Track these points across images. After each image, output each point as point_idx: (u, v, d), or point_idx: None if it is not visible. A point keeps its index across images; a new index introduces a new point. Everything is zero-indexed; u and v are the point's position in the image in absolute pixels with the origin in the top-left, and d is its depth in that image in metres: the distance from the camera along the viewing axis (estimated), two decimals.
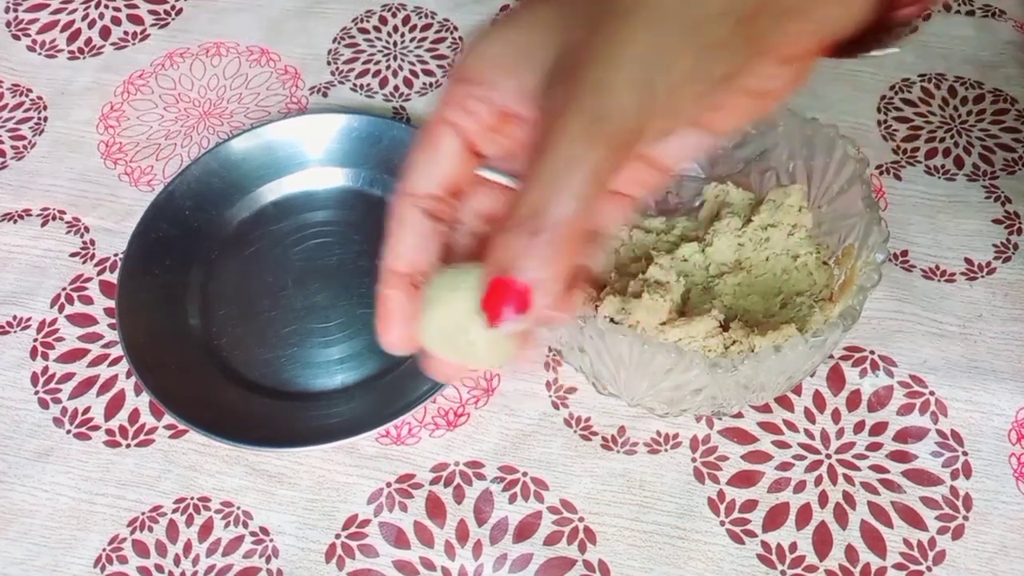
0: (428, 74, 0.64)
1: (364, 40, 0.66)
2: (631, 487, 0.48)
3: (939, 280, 0.54)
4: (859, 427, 0.49)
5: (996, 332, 0.52)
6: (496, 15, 0.67)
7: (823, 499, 0.47)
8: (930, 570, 0.45)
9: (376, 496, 0.48)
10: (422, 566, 0.46)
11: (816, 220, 0.50)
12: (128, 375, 0.52)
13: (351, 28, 0.67)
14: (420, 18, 0.67)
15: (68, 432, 0.50)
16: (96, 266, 0.56)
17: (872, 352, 0.52)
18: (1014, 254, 0.55)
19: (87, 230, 0.58)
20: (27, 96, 0.64)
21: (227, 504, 0.48)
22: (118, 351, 0.53)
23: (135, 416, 0.51)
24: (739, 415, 0.50)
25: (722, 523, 0.47)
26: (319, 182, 0.59)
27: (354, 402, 0.50)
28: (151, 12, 0.68)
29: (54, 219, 0.58)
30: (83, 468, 0.49)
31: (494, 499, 0.48)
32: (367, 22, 0.67)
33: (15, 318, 0.54)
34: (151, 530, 0.47)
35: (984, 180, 0.58)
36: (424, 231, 0.32)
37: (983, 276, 0.54)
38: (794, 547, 0.46)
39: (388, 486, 0.48)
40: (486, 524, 0.47)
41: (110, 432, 0.50)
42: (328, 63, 0.65)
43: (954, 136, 0.60)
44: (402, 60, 0.65)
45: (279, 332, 0.53)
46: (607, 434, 0.50)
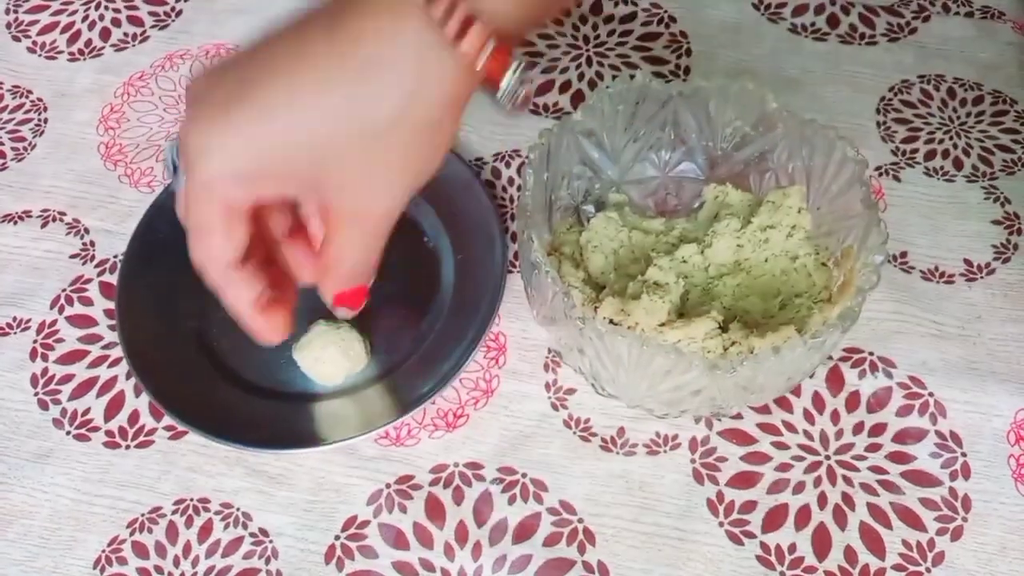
0: None
1: None
2: (630, 488, 0.48)
3: (938, 281, 0.54)
4: (858, 428, 0.49)
5: (995, 333, 0.52)
6: None
7: (822, 500, 0.47)
8: (929, 571, 0.45)
9: (375, 497, 0.48)
10: (421, 567, 0.46)
11: (815, 221, 0.50)
12: (128, 376, 0.52)
13: None
14: None
15: (68, 433, 0.51)
16: (96, 267, 0.56)
17: (871, 353, 0.52)
18: (1013, 255, 0.55)
19: (87, 231, 0.58)
20: (27, 97, 0.65)
21: (226, 505, 0.48)
22: (118, 352, 0.53)
23: (135, 417, 0.51)
24: (738, 416, 0.50)
25: (721, 524, 0.47)
26: None
27: (353, 403, 0.50)
28: (151, 14, 0.68)
29: (54, 220, 0.58)
30: (83, 469, 0.49)
31: (493, 500, 0.48)
32: None
33: (15, 319, 0.54)
34: (150, 531, 0.47)
35: (983, 181, 0.58)
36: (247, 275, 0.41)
37: (982, 277, 0.54)
38: (793, 548, 0.46)
39: (387, 487, 0.48)
40: (485, 525, 0.47)
41: (110, 433, 0.50)
42: None
43: (953, 137, 0.60)
44: None
45: None
46: (606, 435, 0.50)
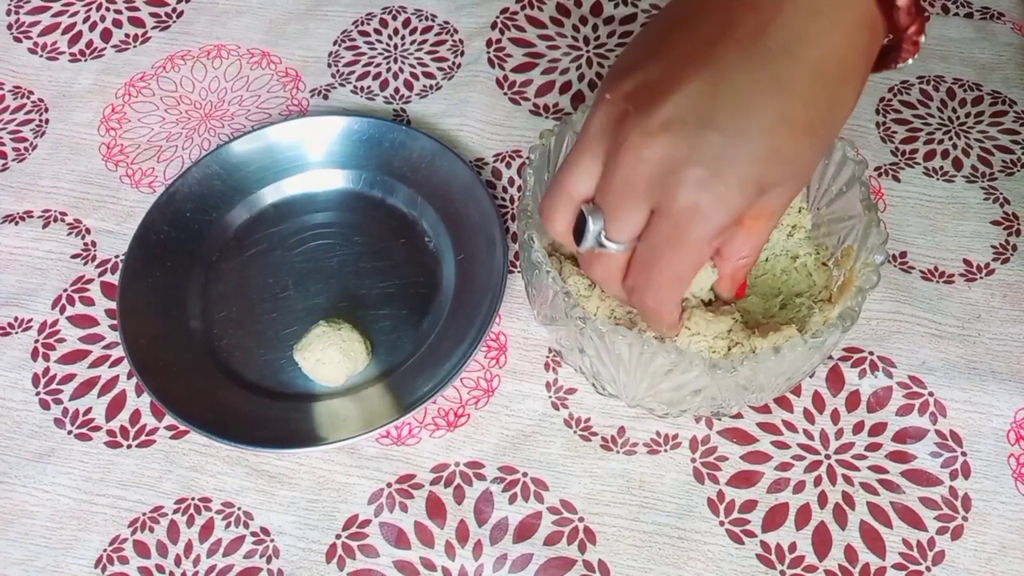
0: (428, 76, 0.64)
1: (365, 43, 0.67)
2: (631, 487, 0.48)
3: (938, 281, 0.54)
4: (858, 428, 0.50)
5: (995, 333, 0.52)
6: (496, 17, 0.67)
7: (822, 499, 0.47)
8: (929, 570, 0.45)
9: (376, 496, 0.48)
10: (422, 566, 0.46)
11: (815, 221, 0.50)
12: (129, 376, 0.52)
13: (352, 31, 0.67)
14: (420, 20, 0.67)
15: (69, 433, 0.51)
16: (97, 268, 0.56)
17: (871, 353, 0.52)
18: (1013, 255, 0.55)
19: (88, 232, 0.58)
20: (28, 98, 0.65)
21: (228, 504, 0.48)
22: (119, 352, 0.53)
23: (136, 417, 0.51)
24: (738, 416, 0.50)
25: (721, 523, 0.47)
26: (320, 184, 0.59)
27: (354, 403, 0.51)
28: (152, 15, 0.69)
29: (55, 221, 0.58)
30: (84, 469, 0.49)
31: (494, 499, 0.48)
32: (368, 24, 0.67)
33: (16, 319, 0.54)
34: (152, 531, 0.48)
35: (983, 182, 0.58)
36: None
37: (982, 277, 0.54)
38: (793, 547, 0.46)
39: (388, 486, 0.49)
40: (486, 524, 0.47)
41: (111, 433, 0.51)
42: (329, 65, 0.65)
43: (953, 138, 0.60)
44: (402, 62, 0.65)
45: (279, 333, 0.53)
46: (607, 434, 0.50)
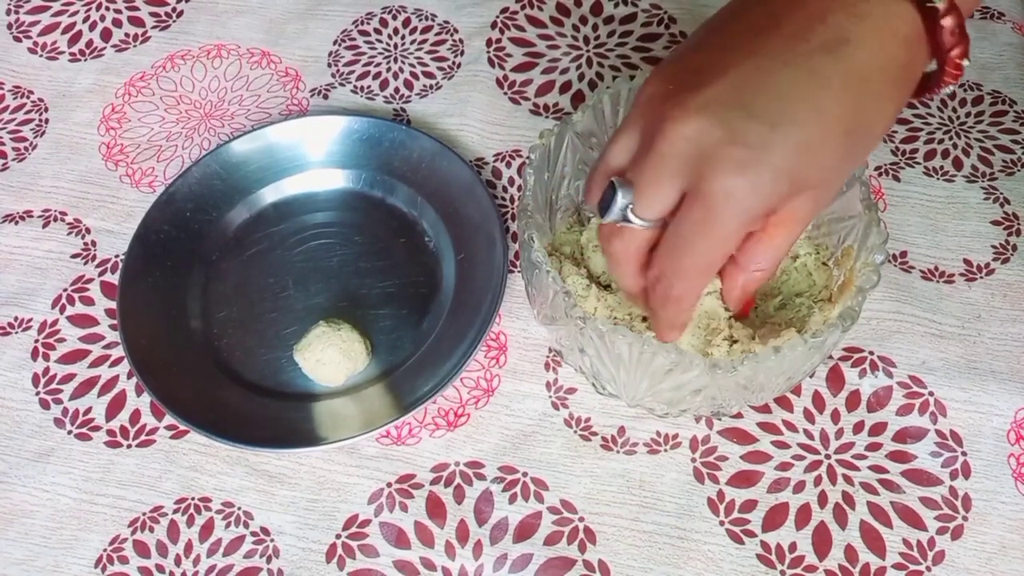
0: (429, 76, 0.64)
1: (365, 42, 0.67)
2: (631, 487, 0.48)
3: (938, 281, 0.54)
4: (858, 427, 0.50)
5: (995, 333, 0.52)
6: (496, 17, 0.67)
7: (822, 499, 0.47)
8: (929, 570, 0.45)
9: (376, 496, 0.48)
10: (422, 566, 0.46)
11: (815, 221, 0.50)
12: (129, 376, 0.52)
13: (352, 30, 0.67)
14: (420, 20, 0.67)
15: (69, 433, 0.51)
16: (97, 267, 0.56)
17: (871, 353, 0.52)
18: (1013, 255, 0.55)
19: (88, 231, 0.58)
20: (28, 98, 0.65)
21: (228, 504, 0.48)
22: (119, 352, 0.53)
23: (136, 417, 0.51)
24: (739, 415, 0.50)
25: (722, 523, 0.47)
26: (320, 184, 0.59)
27: (355, 403, 0.51)
28: (152, 14, 0.69)
29: (55, 220, 0.58)
30: (84, 468, 0.49)
31: (494, 499, 0.48)
32: (368, 24, 0.67)
33: (16, 319, 0.54)
34: (152, 530, 0.48)
35: (983, 181, 0.58)
36: None
37: (982, 277, 0.54)
38: (793, 547, 0.46)
39: (388, 486, 0.49)
40: (486, 524, 0.47)
41: (111, 433, 0.51)
42: (329, 65, 0.65)
43: (953, 138, 0.60)
44: (402, 62, 0.65)
45: (280, 333, 0.53)
46: (607, 434, 0.50)
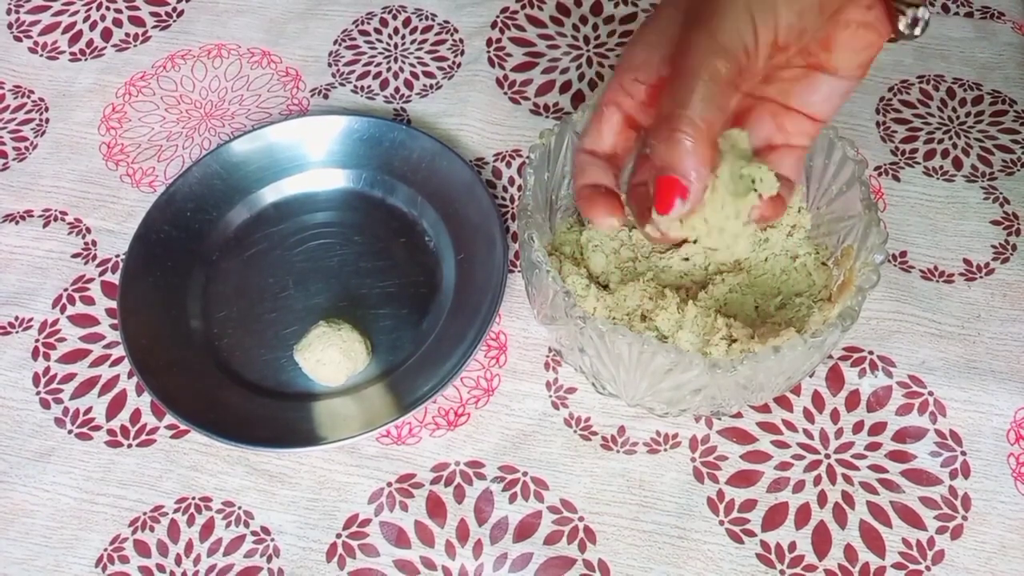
0: (429, 76, 0.64)
1: (365, 42, 0.67)
2: (631, 487, 0.48)
3: (938, 281, 0.54)
4: (858, 427, 0.50)
5: (994, 333, 0.52)
6: (496, 17, 0.67)
7: (822, 499, 0.48)
8: (929, 570, 0.46)
9: (377, 496, 0.48)
10: (423, 565, 0.46)
11: (815, 221, 0.50)
12: (129, 375, 0.52)
13: (352, 30, 0.67)
14: (421, 20, 0.67)
15: (69, 432, 0.51)
16: (98, 267, 0.57)
17: (871, 352, 0.52)
18: (1012, 255, 0.55)
19: (88, 231, 0.58)
20: (29, 97, 0.65)
21: (228, 504, 0.48)
22: (119, 352, 0.53)
23: (136, 416, 0.51)
24: (738, 415, 0.50)
25: (721, 523, 0.47)
26: (320, 184, 0.59)
27: (355, 403, 0.51)
28: (152, 14, 0.69)
29: (56, 220, 0.58)
30: (84, 468, 0.50)
31: (494, 499, 0.48)
32: (368, 24, 0.67)
33: (17, 319, 0.55)
34: (152, 530, 0.48)
35: (983, 181, 0.58)
36: (602, 167, 0.41)
37: (981, 277, 0.54)
38: (793, 547, 0.46)
39: (389, 486, 0.49)
40: (486, 524, 0.47)
41: (111, 432, 0.51)
42: (329, 65, 0.65)
43: (953, 137, 0.60)
44: (403, 62, 0.65)
45: (280, 333, 0.53)
46: (607, 434, 0.50)
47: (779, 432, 0.50)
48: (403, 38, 0.67)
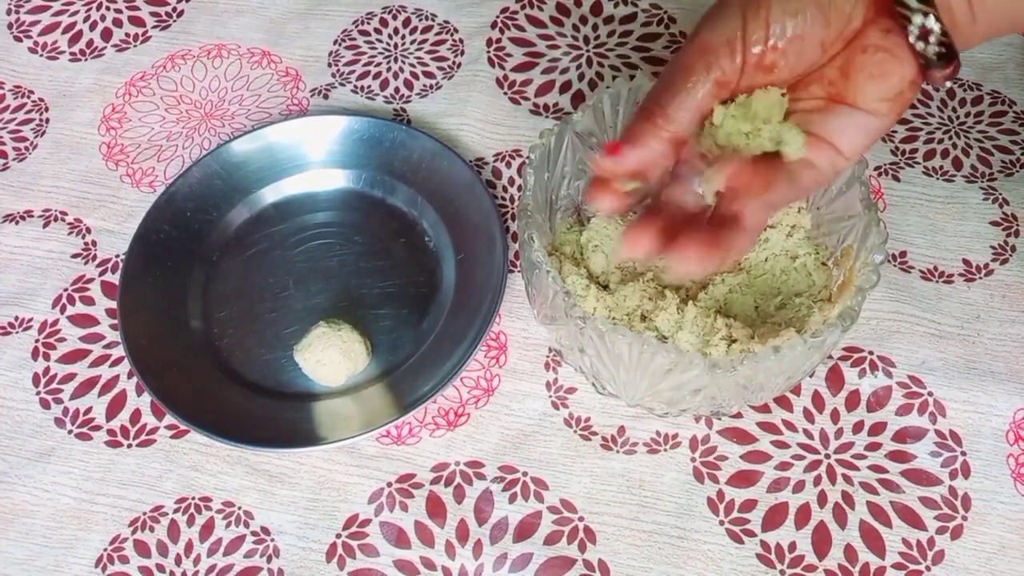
0: (429, 76, 0.64)
1: (365, 42, 0.67)
2: (631, 487, 0.48)
3: (937, 281, 0.54)
4: (858, 427, 0.50)
5: (994, 333, 0.52)
6: (496, 17, 0.67)
7: (822, 499, 0.48)
8: (929, 570, 0.46)
9: (377, 496, 0.48)
10: (423, 565, 0.46)
11: (815, 221, 0.50)
12: (129, 376, 0.52)
13: (352, 30, 0.67)
14: (421, 20, 0.67)
15: (69, 432, 0.51)
16: (98, 267, 0.56)
17: (871, 353, 0.52)
18: (1012, 256, 0.55)
19: (88, 231, 0.58)
20: (29, 98, 0.65)
21: (228, 504, 0.48)
22: (119, 352, 0.53)
23: (136, 416, 0.51)
24: (738, 415, 0.50)
25: (721, 523, 0.47)
26: (320, 184, 0.59)
27: (355, 403, 0.51)
28: (152, 14, 0.69)
29: (56, 220, 0.58)
30: (84, 468, 0.50)
31: (494, 499, 0.48)
32: (368, 24, 0.67)
33: (17, 319, 0.55)
34: (152, 530, 0.48)
35: (982, 182, 0.58)
36: (659, 150, 0.38)
37: (981, 278, 0.54)
38: (793, 547, 0.46)
39: (389, 486, 0.49)
40: (486, 524, 0.47)
41: (111, 432, 0.51)
42: (329, 65, 0.65)
43: (952, 138, 0.60)
44: (403, 62, 0.65)
45: (280, 333, 0.53)
46: (607, 434, 0.50)
47: (779, 432, 0.50)
48: (403, 38, 0.67)
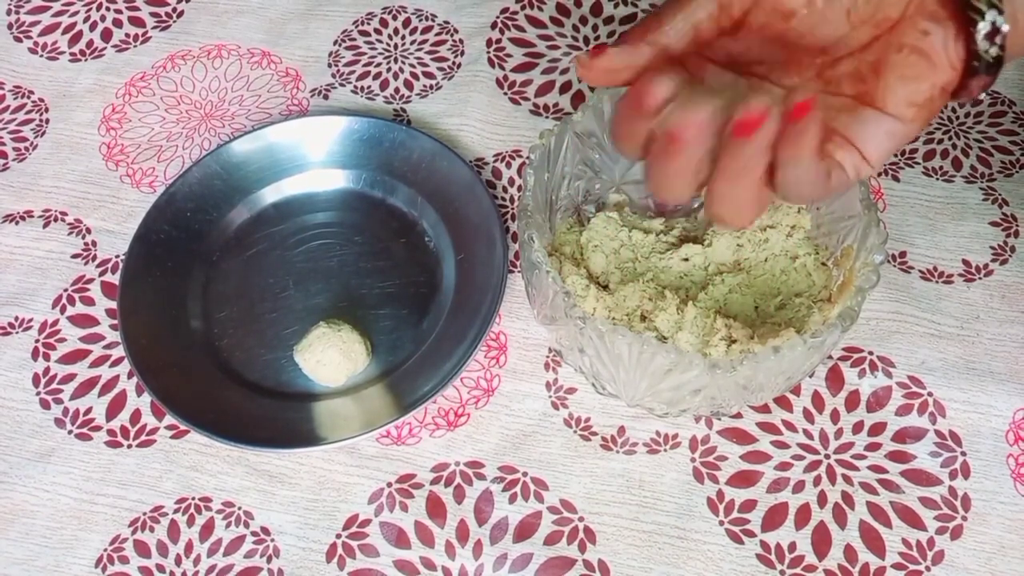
0: (429, 76, 0.64)
1: (365, 42, 0.67)
2: (631, 487, 0.48)
3: (937, 281, 0.54)
4: (858, 427, 0.50)
5: (993, 334, 0.52)
6: (496, 17, 0.67)
7: (822, 499, 0.48)
8: (929, 570, 0.46)
9: (377, 496, 0.48)
10: (423, 566, 0.46)
11: (815, 221, 0.50)
12: (129, 376, 0.52)
13: (352, 30, 0.67)
14: (421, 20, 0.67)
15: (69, 432, 0.51)
16: (98, 267, 0.57)
17: (871, 353, 0.52)
18: (1011, 256, 0.55)
19: (88, 231, 0.58)
20: (29, 98, 0.65)
21: (228, 504, 0.48)
22: (119, 352, 0.53)
23: (136, 417, 0.51)
24: (738, 415, 0.50)
25: (721, 523, 0.47)
26: (320, 184, 0.59)
27: (355, 403, 0.51)
28: (152, 14, 0.69)
29: (56, 220, 0.58)
30: (84, 468, 0.50)
31: (494, 499, 0.48)
32: (368, 24, 0.67)
33: (17, 319, 0.55)
34: (152, 530, 0.48)
35: (982, 182, 0.58)
36: (646, 54, 0.37)
37: (981, 278, 0.54)
38: (793, 547, 0.46)
39: (389, 486, 0.49)
40: (486, 524, 0.47)
41: (111, 432, 0.51)
42: (329, 65, 0.65)
43: (952, 138, 0.60)
44: (403, 62, 0.65)
45: (280, 333, 0.53)
46: (607, 434, 0.50)
47: (779, 432, 0.50)
48: (403, 38, 0.67)
